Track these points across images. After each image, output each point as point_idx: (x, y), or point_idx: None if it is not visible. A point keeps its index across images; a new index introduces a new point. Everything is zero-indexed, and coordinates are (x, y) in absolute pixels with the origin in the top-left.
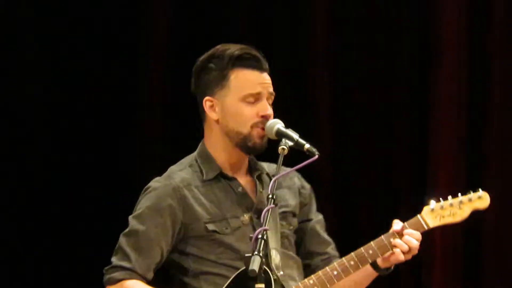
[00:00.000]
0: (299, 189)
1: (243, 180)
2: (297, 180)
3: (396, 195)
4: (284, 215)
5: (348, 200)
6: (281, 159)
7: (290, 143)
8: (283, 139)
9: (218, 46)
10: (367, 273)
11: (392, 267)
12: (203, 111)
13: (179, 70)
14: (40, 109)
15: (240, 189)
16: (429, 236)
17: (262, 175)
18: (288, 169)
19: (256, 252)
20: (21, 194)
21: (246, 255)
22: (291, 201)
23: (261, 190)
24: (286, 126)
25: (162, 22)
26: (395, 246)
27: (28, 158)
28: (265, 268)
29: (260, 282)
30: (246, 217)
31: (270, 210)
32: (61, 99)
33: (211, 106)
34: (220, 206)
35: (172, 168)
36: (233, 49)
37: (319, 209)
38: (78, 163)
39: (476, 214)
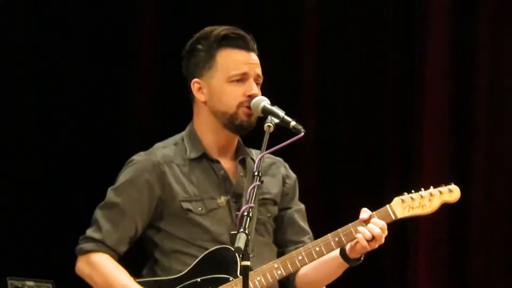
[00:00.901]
0: (284, 178)
1: (228, 164)
2: (283, 170)
3: (382, 184)
4: (263, 202)
5: (333, 190)
6: (266, 136)
7: (276, 120)
8: (269, 116)
9: (206, 28)
10: (337, 263)
11: (362, 258)
12: (192, 94)
13: (178, 69)
14: (40, 108)
15: (222, 172)
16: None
17: (246, 159)
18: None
19: (242, 229)
20: (21, 194)
21: (232, 232)
22: (273, 189)
23: (241, 174)
24: (272, 104)
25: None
26: (359, 234)
27: (28, 158)
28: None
29: (246, 260)
30: (223, 199)
31: (256, 187)
32: (61, 99)
33: (199, 88)
34: (198, 186)
35: (157, 145)
36: (220, 29)
37: (304, 198)
38: (77, 163)
39: (463, 220)
